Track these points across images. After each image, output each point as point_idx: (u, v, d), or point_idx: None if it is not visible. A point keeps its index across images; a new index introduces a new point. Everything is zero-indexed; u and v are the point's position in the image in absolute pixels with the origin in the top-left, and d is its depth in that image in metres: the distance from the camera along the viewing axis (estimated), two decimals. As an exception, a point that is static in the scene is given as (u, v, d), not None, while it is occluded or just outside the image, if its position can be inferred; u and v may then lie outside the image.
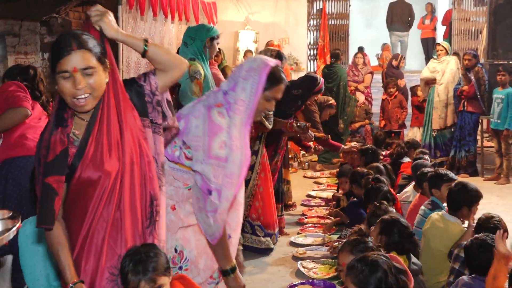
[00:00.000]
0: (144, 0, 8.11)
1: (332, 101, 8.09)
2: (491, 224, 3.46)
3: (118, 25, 7.73)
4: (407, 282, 2.47)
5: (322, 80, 5.32)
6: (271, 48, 4.48)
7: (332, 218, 5.79)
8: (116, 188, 2.13)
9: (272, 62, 2.82)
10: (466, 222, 3.96)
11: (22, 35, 7.41)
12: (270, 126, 4.56)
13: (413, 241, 3.42)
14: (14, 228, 1.56)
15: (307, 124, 5.08)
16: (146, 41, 2.23)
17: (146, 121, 2.27)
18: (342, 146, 6.64)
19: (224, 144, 2.64)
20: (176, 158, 2.74)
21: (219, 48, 7.13)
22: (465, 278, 3.07)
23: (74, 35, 2.08)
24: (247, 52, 7.73)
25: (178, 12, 9.54)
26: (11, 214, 1.77)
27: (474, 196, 4.00)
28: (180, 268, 2.78)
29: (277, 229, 5.19)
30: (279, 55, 4.43)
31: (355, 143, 8.46)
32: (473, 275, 3.03)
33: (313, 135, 5.44)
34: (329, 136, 6.31)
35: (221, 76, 5.16)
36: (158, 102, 2.31)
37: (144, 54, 2.23)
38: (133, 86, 2.28)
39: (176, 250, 2.79)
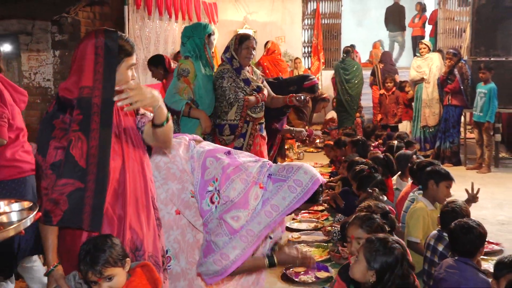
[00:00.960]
0: (151, 1, 8.09)
1: (326, 94, 8.10)
2: (448, 209, 3.46)
3: (126, 24, 7.66)
4: (411, 277, 2.45)
5: (315, 78, 5.23)
6: (237, 35, 4.48)
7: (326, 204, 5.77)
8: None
9: (321, 179, 2.69)
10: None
11: (35, 34, 7.40)
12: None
13: (390, 219, 3.42)
14: (31, 216, 1.54)
15: (307, 97, 4.87)
16: (167, 118, 2.25)
17: None
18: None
19: (237, 218, 2.60)
20: (205, 186, 2.72)
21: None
22: (449, 260, 3.07)
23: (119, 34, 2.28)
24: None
25: (181, 11, 9.54)
26: (31, 205, 1.75)
27: (443, 175, 3.95)
28: (164, 270, 2.58)
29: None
30: (240, 39, 4.46)
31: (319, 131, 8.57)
32: (456, 257, 3.03)
33: (305, 134, 5.40)
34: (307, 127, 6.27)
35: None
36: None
37: (158, 126, 2.24)
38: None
39: (166, 252, 2.70)
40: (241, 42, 4.47)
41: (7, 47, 7.65)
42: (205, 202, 2.69)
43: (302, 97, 4.54)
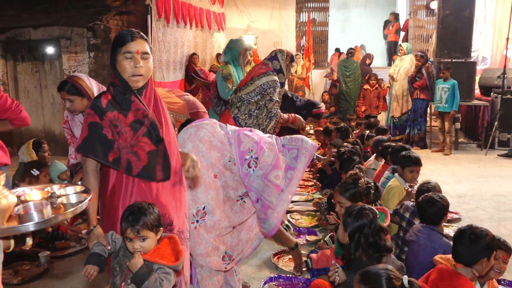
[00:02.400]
0: (169, 11, 8.07)
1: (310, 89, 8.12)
2: (424, 188, 3.48)
3: (149, 31, 7.64)
4: (382, 236, 2.48)
5: (322, 107, 4.88)
6: (285, 50, 4.14)
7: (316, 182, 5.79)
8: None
9: (316, 145, 3.12)
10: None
11: (73, 38, 7.40)
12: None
13: (378, 191, 3.44)
14: (87, 200, 1.51)
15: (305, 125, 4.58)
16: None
17: None
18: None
19: (278, 176, 2.89)
20: (243, 156, 2.91)
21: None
22: (418, 226, 3.10)
23: (137, 30, 2.12)
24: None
25: (195, 20, 9.50)
26: (84, 188, 1.73)
27: (414, 161, 3.95)
28: (197, 221, 2.82)
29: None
30: (291, 57, 4.09)
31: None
32: (424, 224, 3.07)
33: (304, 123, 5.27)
34: None
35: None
36: None
37: None
38: None
39: (204, 208, 2.83)
40: (291, 61, 4.11)
41: (50, 50, 7.67)
42: (244, 167, 2.88)
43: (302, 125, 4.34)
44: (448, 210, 3.13)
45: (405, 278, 1.91)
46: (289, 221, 4.56)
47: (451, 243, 2.85)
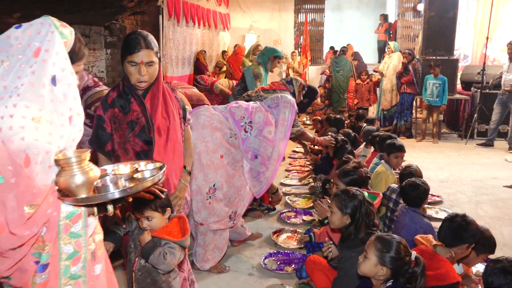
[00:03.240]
0: (179, 11, 8.01)
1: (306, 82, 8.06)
2: (406, 172, 3.50)
3: (160, 30, 7.57)
4: (373, 215, 2.51)
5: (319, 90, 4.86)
6: (299, 79, 4.09)
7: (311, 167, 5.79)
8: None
9: (292, 100, 3.45)
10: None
11: (91, 36, 7.36)
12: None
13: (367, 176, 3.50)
14: (162, 171, 1.54)
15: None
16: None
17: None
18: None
19: (270, 132, 3.17)
20: (239, 123, 3.16)
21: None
22: (402, 208, 3.11)
23: (143, 36, 2.05)
24: (258, 45, 7.54)
25: (202, 20, 9.43)
26: (162, 165, 1.68)
27: (398, 148, 3.95)
28: (210, 197, 3.05)
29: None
30: (303, 86, 4.07)
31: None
32: (407, 206, 3.07)
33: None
34: None
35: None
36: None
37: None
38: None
39: (214, 185, 3.05)
40: (303, 89, 4.10)
41: (71, 47, 7.62)
42: (242, 133, 3.15)
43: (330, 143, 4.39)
44: (428, 193, 3.12)
45: (414, 253, 2.01)
46: (287, 202, 4.59)
47: (431, 223, 2.89)
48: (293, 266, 3.24)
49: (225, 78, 8.58)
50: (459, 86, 8.83)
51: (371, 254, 2.01)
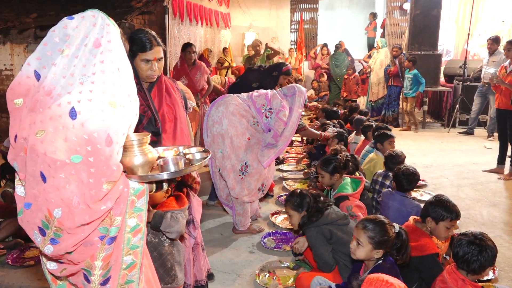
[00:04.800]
0: (183, 11, 7.94)
1: (301, 77, 7.98)
2: (392, 153, 3.51)
3: (166, 29, 7.47)
4: (322, 199, 2.60)
5: (289, 64, 4.64)
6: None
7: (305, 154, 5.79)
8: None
9: (305, 90, 3.60)
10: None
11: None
12: None
13: (356, 161, 3.56)
14: (209, 157, 1.57)
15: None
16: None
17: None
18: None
19: (284, 115, 3.36)
20: (260, 111, 3.35)
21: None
22: (392, 191, 3.10)
23: (152, 35, 2.03)
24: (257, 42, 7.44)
25: (205, 19, 9.36)
26: (204, 149, 1.72)
27: (391, 135, 3.99)
28: (243, 173, 3.34)
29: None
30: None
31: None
32: (394, 191, 3.08)
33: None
34: None
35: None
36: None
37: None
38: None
39: (246, 163, 3.34)
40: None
41: (84, 44, 7.55)
42: (263, 119, 3.36)
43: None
44: (419, 180, 3.12)
45: (396, 226, 2.06)
46: (284, 186, 4.60)
47: (420, 204, 2.89)
48: (290, 244, 3.26)
49: (226, 74, 8.55)
50: (442, 79, 8.80)
51: (365, 242, 2.00)
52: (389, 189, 3.17)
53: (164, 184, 1.42)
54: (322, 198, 2.60)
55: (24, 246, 3.27)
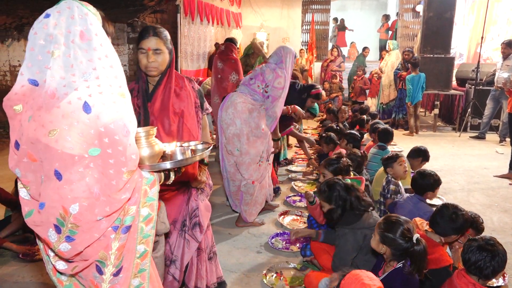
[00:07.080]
0: (194, 10, 7.97)
1: (307, 67, 7.95)
2: (389, 155, 3.55)
3: (178, 28, 7.53)
4: (362, 198, 2.51)
5: (320, 88, 4.62)
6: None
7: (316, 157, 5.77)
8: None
9: (291, 48, 3.59)
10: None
11: (115, 32, 7.37)
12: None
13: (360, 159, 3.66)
14: (210, 148, 1.59)
15: (304, 115, 4.44)
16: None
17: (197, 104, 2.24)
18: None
19: (280, 82, 3.40)
20: (260, 93, 3.42)
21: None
22: (408, 195, 3.07)
23: (153, 27, 2.04)
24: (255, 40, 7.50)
25: (216, 18, 9.39)
26: (202, 142, 1.73)
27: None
28: (260, 160, 3.49)
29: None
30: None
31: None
32: (413, 194, 3.06)
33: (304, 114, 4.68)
34: None
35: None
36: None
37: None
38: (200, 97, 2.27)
39: (263, 152, 3.49)
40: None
41: (96, 42, 7.63)
42: (265, 99, 3.44)
43: (301, 114, 4.26)
44: (439, 184, 3.03)
45: (416, 235, 1.99)
46: (292, 187, 4.60)
47: (433, 210, 2.85)
48: (298, 245, 3.25)
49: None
50: (454, 82, 8.72)
51: (376, 233, 2.04)
52: (409, 194, 3.17)
53: (171, 173, 1.44)
54: (365, 200, 2.52)
55: (33, 240, 3.31)
